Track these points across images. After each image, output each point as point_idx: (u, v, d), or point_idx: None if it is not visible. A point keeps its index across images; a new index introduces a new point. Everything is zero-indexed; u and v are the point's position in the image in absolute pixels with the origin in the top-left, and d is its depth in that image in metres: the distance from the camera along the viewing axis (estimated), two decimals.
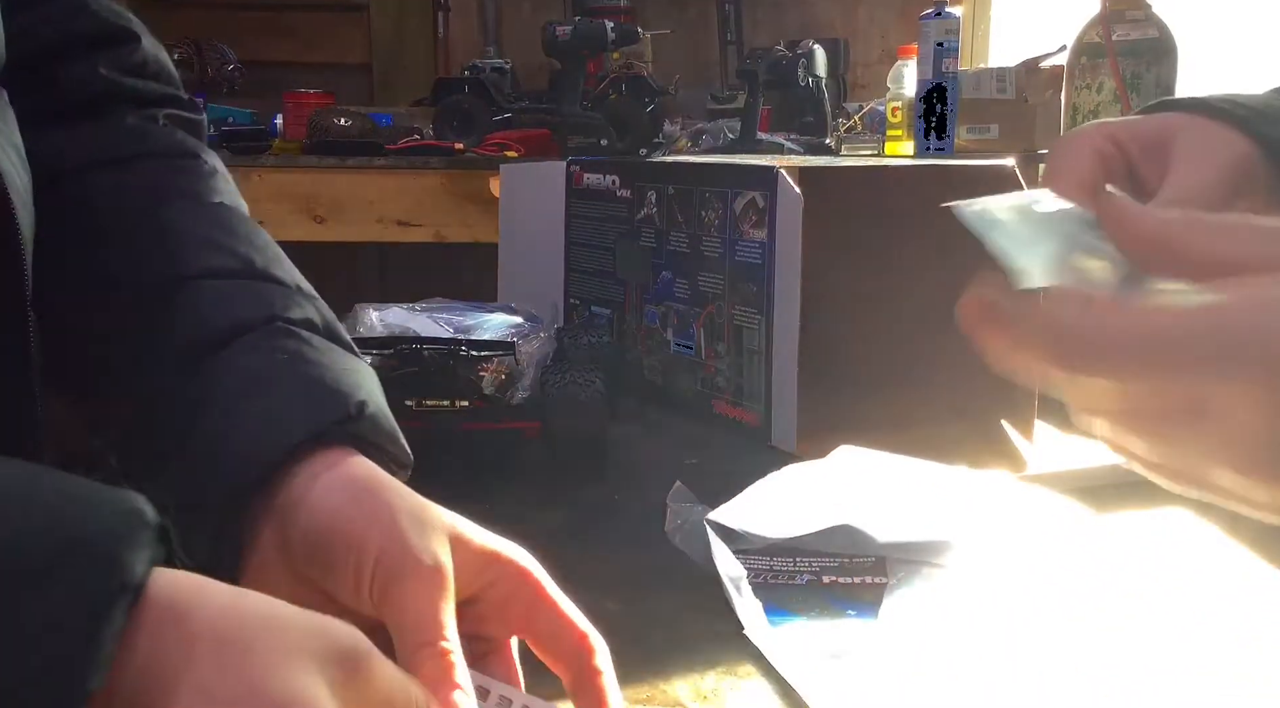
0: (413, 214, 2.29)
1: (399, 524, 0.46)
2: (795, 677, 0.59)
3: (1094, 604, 0.69)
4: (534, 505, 0.90)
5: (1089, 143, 0.52)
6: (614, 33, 2.32)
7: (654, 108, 2.42)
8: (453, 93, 2.39)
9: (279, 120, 2.55)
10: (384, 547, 0.45)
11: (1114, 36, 2.21)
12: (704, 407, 1.10)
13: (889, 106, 2.51)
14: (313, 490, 0.47)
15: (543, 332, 1.06)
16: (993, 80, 2.45)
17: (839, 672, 0.60)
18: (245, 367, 0.52)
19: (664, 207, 1.13)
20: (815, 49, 2.58)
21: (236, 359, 0.52)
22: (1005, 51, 3.10)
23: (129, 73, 0.69)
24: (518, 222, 1.41)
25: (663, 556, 0.77)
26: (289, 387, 0.51)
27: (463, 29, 3.10)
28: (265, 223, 0.66)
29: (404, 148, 2.30)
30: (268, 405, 0.50)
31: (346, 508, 0.46)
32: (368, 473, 0.49)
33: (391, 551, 0.45)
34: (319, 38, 3.12)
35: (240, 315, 0.54)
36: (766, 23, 3.09)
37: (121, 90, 0.68)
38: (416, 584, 0.44)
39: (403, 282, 2.58)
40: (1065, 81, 2.34)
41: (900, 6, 3.08)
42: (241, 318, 0.54)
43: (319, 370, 0.51)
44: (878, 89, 2.79)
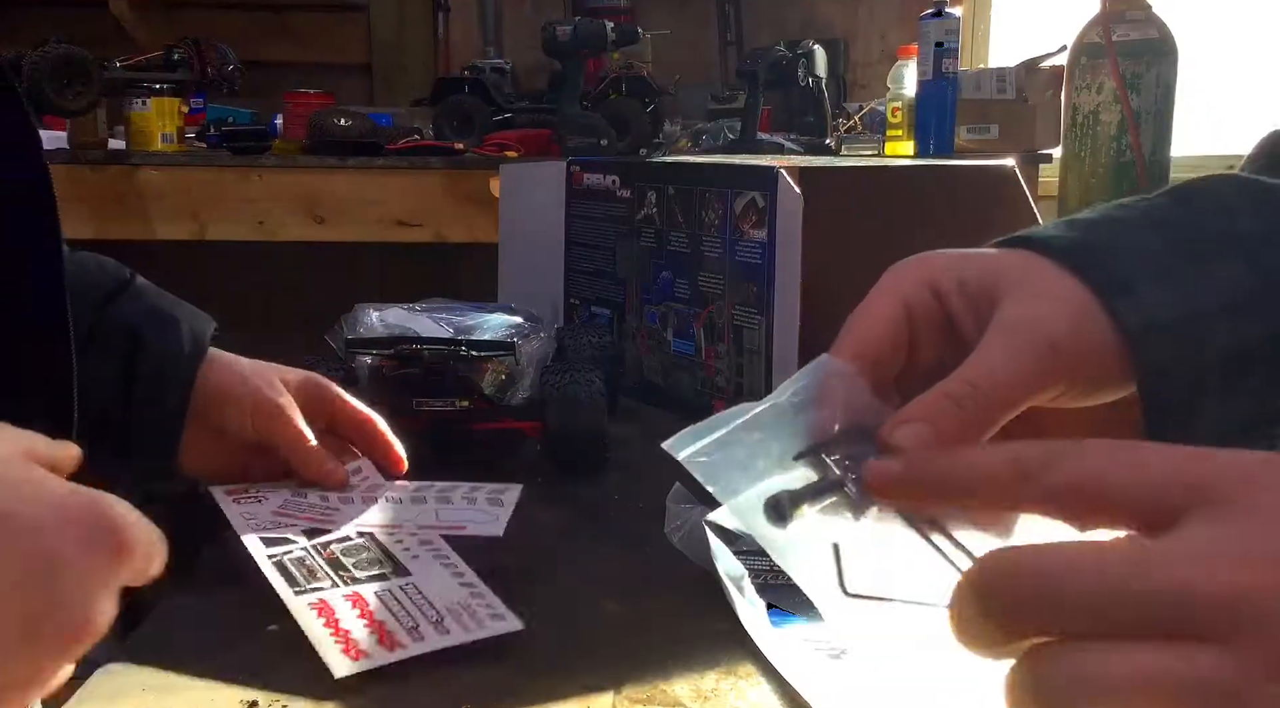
0: (413, 214, 2.29)
1: (259, 385, 0.81)
2: (795, 677, 0.59)
3: None
4: (534, 505, 0.90)
5: (902, 292, 0.47)
6: (614, 33, 2.32)
7: (654, 108, 2.42)
8: (453, 93, 2.39)
9: (279, 120, 2.55)
10: (255, 400, 0.80)
11: (1114, 36, 2.22)
12: (704, 407, 1.10)
13: (889, 106, 2.51)
14: (210, 377, 0.80)
15: (543, 332, 1.06)
16: (993, 80, 2.45)
17: (839, 672, 0.60)
18: (146, 307, 0.81)
19: (664, 207, 1.13)
20: (815, 49, 2.58)
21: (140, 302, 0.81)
22: (1005, 51, 3.10)
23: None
24: (518, 222, 1.41)
25: (662, 556, 0.77)
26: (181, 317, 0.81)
27: (463, 29, 3.10)
28: (265, 223, 0.68)
29: (404, 148, 2.30)
30: (178, 330, 0.80)
31: (232, 385, 0.81)
32: (229, 358, 0.82)
33: (260, 400, 0.80)
34: (319, 38, 3.12)
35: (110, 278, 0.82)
36: (766, 23, 3.09)
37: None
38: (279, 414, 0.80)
39: (403, 282, 2.58)
40: (1065, 81, 2.35)
41: (900, 6, 3.08)
42: (112, 279, 0.82)
43: (179, 304, 0.83)
44: (878, 89, 2.79)
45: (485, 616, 0.64)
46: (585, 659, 0.64)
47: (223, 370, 0.81)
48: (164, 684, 0.61)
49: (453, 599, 0.65)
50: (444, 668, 0.63)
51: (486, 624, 0.63)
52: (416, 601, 0.66)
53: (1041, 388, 0.44)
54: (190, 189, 2.25)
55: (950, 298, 0.47)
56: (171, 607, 0.72)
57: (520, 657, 0.65)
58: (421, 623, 0.63)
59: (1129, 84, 2.21)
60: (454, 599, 0.65)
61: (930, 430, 0.42)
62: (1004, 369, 0.43)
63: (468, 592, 0.66)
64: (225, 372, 0.81)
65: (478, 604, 0.65)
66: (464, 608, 0.65)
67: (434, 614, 0.64)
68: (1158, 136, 2.27)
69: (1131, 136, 2.24)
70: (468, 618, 0.64)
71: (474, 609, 0.64)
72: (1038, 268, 0.46)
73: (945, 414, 0.43)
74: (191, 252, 2.36)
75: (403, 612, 0.64)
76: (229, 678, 0.62)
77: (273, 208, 2.23)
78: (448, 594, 0.66)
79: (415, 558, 0.71)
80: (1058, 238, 0.47)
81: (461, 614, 0.64)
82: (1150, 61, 2.22)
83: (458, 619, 0.64)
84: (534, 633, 0.66)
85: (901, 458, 0.41)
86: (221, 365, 0.81)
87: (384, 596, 0.66)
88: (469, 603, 0.65)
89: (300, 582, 0.68)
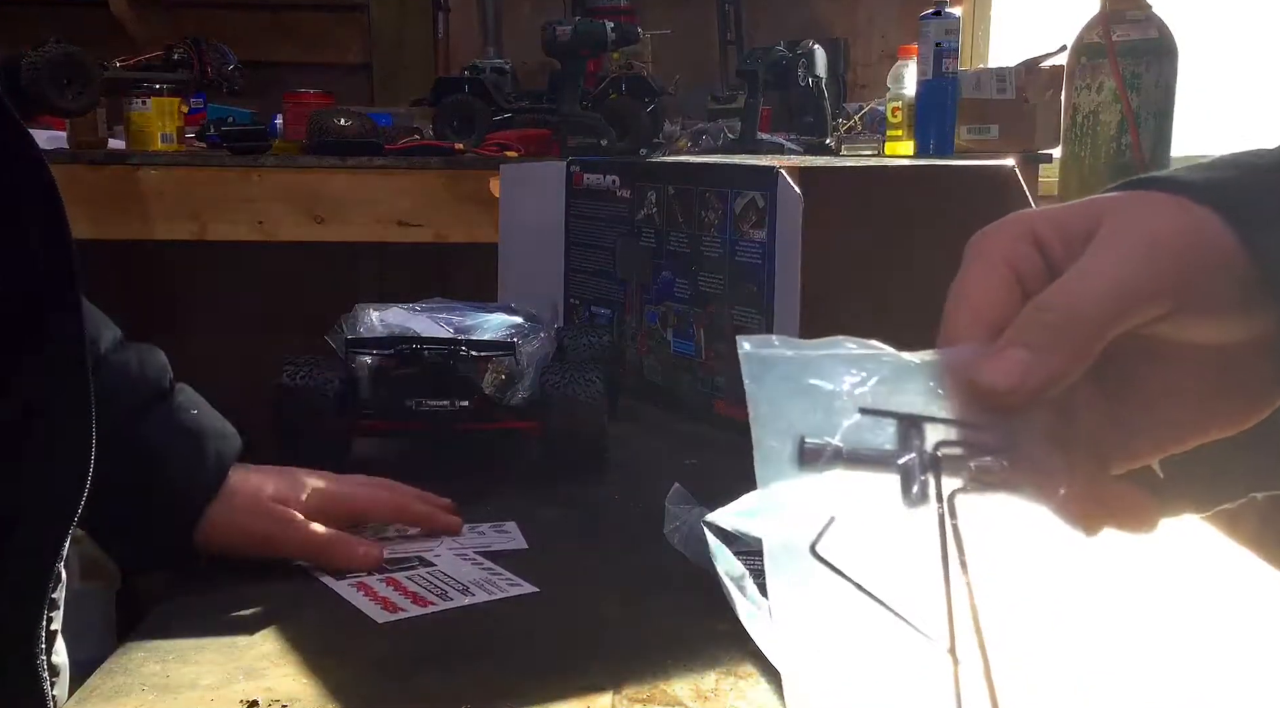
0: (413, 214, 2.29)
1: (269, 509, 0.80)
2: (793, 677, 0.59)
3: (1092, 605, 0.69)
4: (534, 505, 0.90)
5: (1001, 254, 0.42)
6: (614, 33, 2.31)
7: (654, 108, 2.41)
8: (453, 93, 2.39)
9: (279, 120, 2.55)
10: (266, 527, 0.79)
11: (1114, 36, 2.21)
12: (704, 407, 1.10)
13: (889, 106, 2.51)
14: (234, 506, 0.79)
15: (543, 332, 1.06)
16: (993, 80, 2.45)
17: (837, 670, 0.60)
18: (176, 425, 0.80)
19: (664, 207, 1.13)
20: (815, 49, 2.57)
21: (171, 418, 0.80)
22: (1005, 51, 3.10)
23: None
24: (518, 222, 1.41)
25: (662, 555, 0.77)
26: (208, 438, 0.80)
27: (463, 29, 3.10)
28: (265, 223, 0.68)
29: (404, 148, 2.29)
30: (203, 453, 0.79)
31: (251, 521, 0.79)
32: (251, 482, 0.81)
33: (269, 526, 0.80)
34: (319, 38, 3.12)
35: (149, 388, 0.80)
36: (766, 23, 3.08)
37: None
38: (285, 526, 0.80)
39: (403, 282, 2.58)
40: (1065, 81, 2.34)
41: (900, 6, 3.08)
42: (152, 389, 0.80)
43: (209, 422, 0.82)
44: (878, 89, 2.78)
45: (504, 584, 0.76)
46: (585, 659, 0.64)
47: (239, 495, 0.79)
48: (164, 684, 0.61)
49: (476, 575, 0.78)
50: (444, 668, 0.63)
51: (507, 590, 0.75)
52: (443, 579, 0.77)
53: (1144, 297, 0.39)
54: (190, 189, 2.24)
55: (1052, 246, 0.41)
56: (171, 607, 0.72)
57: (520, 657, 0.65)
58: (449, 590, 0.75)
59: (1129, 84, 2.21)
60: (476, 576, 0.78)
61: (1026, 355, 0.38)
62: (1098, 274, 0.39)
63: (488, 571, 0.78)
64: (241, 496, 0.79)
65: (497, 578, 0.77)
66: (485, 581, 0.77)
67: (459, 585, 0.76)
68: (1158, 136, 2.27)
69: (1131, 136, 2.24)
70: (490, 586, 0.76)
71: (494, 581, 0.77)
72: (1149, 198, 0.41)
73: (1038, 333, 0.38)
74: (191, 252, 2.36)
75: (431, 584, 0.76)
76: (229, 678, 0.62)
77: (272, 208, 2.22)
78: (471, 573, 0.78)
79: (439, 556, 0.82)
80: (1179, 176, 0.42)
81: (483, 584, 0.76)
82: (1150, 61, 2.22)
83: (481, 588, 0.76)
84: (534, 633, 0.67)
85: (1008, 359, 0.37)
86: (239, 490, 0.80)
87: (416, 578, 0.77)
88: (490, 578, 0.77)
89: (341, 573, 0.78)
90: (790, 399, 0.37)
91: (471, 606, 0.73)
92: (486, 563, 0.80)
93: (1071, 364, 0.39)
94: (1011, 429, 0.38)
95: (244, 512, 0.79)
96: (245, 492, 0.79)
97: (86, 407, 0.62)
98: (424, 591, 0.75)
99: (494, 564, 0.79)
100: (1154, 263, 0.39)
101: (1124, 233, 0.40)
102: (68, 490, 0.62)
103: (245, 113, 2.60)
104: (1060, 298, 0.39)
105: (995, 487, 0.38)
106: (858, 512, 0.37)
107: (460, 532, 0.85)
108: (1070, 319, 0.38)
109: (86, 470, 0.62)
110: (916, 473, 0.37)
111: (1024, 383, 0.38)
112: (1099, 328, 0.39)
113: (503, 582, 0.76)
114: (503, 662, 0.64)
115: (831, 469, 0.37)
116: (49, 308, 0.61)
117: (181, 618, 0.70)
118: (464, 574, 0.78)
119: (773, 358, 0.38)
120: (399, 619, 0.70)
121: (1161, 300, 0.39)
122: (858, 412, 0.37)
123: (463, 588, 0.75)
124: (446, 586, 0.76)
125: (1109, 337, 0.39)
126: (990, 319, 0.40)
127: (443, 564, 0.80)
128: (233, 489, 0.79)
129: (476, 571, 0.78)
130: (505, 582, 0.76)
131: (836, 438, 0.37)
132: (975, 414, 0.38)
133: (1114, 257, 0.39)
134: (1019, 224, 0.42)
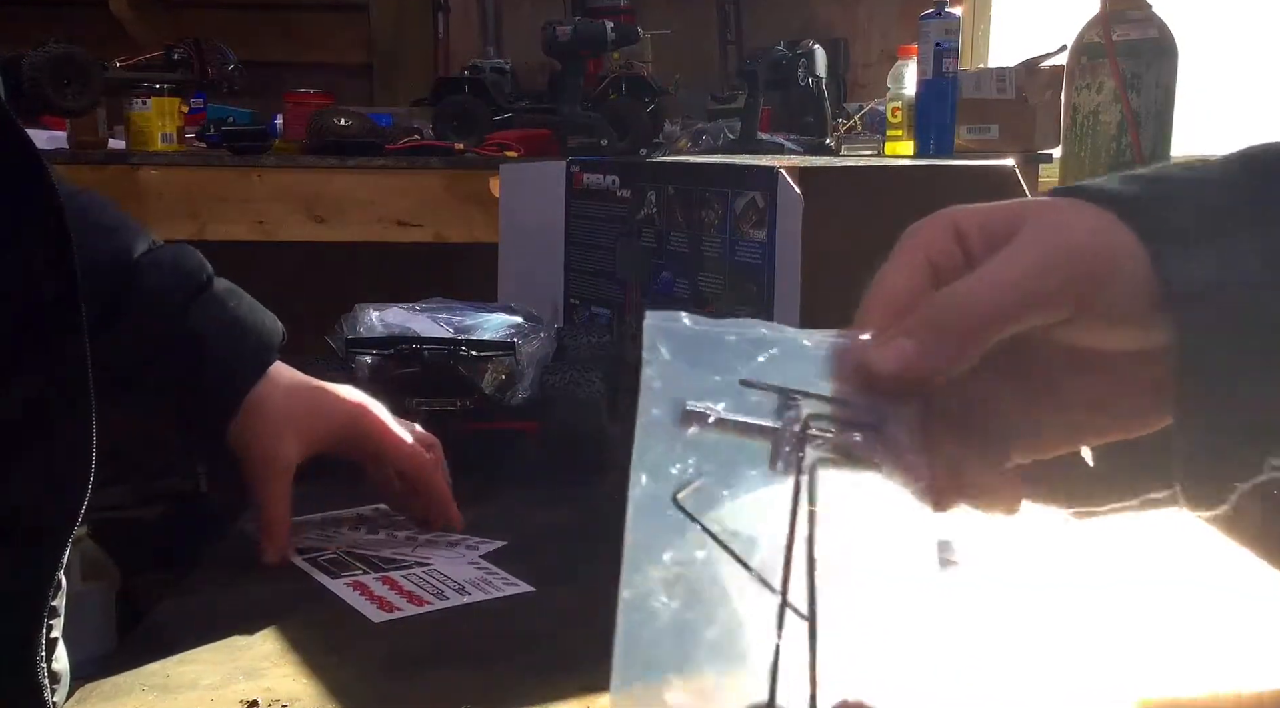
0: (413, 214, 2.29)
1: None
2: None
3: (1093, 604, 0.69)
4: (534, 505, 0.90)
5: (923, 246, 0.43)
6: (614, 33, 2.31)
7: (654, 108, 2.41)
8: (453, 93, 2.39)
9: (279, 120, 2.55)
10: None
11: (1114, 36, 2.21)
12: None
13: (889, 107, 2.51)
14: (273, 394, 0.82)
15: (543, 332, 1.06)
16: (993, 80, 2.45)
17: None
18: (214, 318, 0.82)
19: (664, 207, 1.13)
20: (815, 49, 2.57)
21: (207, 312, 0.82)
22: (1005, 51, 3.10)
23: None
24: (518, 222, 1.41)
25: None
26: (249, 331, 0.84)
27: (463, 29, 3.10)
28: (265, 223, 0.68)
29: (404, 148, 2.29)
30: (241, 346, 0.82)
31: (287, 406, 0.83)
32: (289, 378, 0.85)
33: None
34: (319, 38, 3.12)
35: (188, 279, 0.83)
36: (766, 23, 3.08)
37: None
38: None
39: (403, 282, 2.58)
40: (1065, 81, 2.34)
41: (900, 6, 3.08)
42: (191, 281, 0.83)
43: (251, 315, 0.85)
44: (878, 89, 2.78)
45: (500, 584, 0.76)
46: (585, 659, 0.64)
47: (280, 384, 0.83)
48: (164, 684, 0.61)
49: (471, 575, 0.78)
50: (444, 668, 0.63)
51: (503, 589, 0.76)
52: (439, 578, 0.78)
53: (1040, 302, 0.41)
54: (190, 189, 2.24)
55: (973, 243, 0.42)
56: (171, 607, 0.72)
57: (519, 657, 0.65)
58: (445, 589, 0.76)
59: (1129, 84, 2.21)
60: (472, 575, 0.78)
61: (912, 345, 0.40)
62: (996, 276, 0.40)
63: (484, 571, 0.79)
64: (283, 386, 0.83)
65: (493, 578, 0.78)
66: (481, 580, 0.77)
67: (455, 585, 0.76)
68: (1158, 136, 2.27)
69: (1131, 136, 2.24)
70: (486, 586, 0.76)
71: (490, 580, 0.77)
72: (1074, 205, 0.42)
73: (929, 326, 0.40)
74: None
75: (428, 583, 0.77)
76: (229, 678, 0.62)
77: (272, 208, 2.22)
78: (466, 573, 0.78)
79: (442, 557, 0.82)
80: (1106, 187, 0.43)
81: (479, 584, 0.77)
82: (1150, 61, 2.22)
83: (477, 587, 0.76)
84: (534, 633, 0.67)
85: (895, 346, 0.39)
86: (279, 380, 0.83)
87: (411, 577, 0.78)
88: (486, 577, 0.78)
89: (336, 572, 0.78)
90: (682, 372, 0.40)
91: (468, 605, 0.73)
92: (482, 563, 0.80)
93: (953, 359, 0.40)
94: (883, 410, 0.40)
95: (284, 398, 0.82)
96: (284, 382, 0.83)
97: (87, 414, 0.62)
98: (420, 590, 0.75)
99: (489, 564, 0.80)
100: (1057, 270, 0.41)
101: (1035, 238, 0.41)
102: (68, 498, 0.62)
103: (245, 113, 2.60)
104: (955, 295, 0.40)
105: (857, 462, 0.40)
106: (727, 475, 0.39)
107: (461, 528, 0.86)
108: (960, 316, 0.40)
109: (87, 478, 0.62)
110: (785, 443, 0.39)
111: (905, 371, 0.40)
112: (985, 327, 0.40)
113: (499, 581, 0.77)
114: (502, 662, 0.64)
115: (710, 434, 0.39)
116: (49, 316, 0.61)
117: (181, 618, 0.70)
118: (460, 574, 0.78)
119: (672, 331, 0.40)
120: (396, 619, 0.70)
121: (1060, 307, 0.41)
122: (739, 383, 0.39)
123: (459, 587, 0.76)
124: (443, 585, 0.76)
125: (996, 337, 0.40)
126: (899, 307, 0.41)
127: (438, 564, 0.80)
128: (273, 379, 0.82)
129: (472, 570, 0.79)
130: (501, 581, 0.77)
131: (718, 406, 0.39)
132: (853, 394, 0.40)
133: (1017, 260, 0.41)
134: (945, 219, 0.44)
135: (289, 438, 0.82)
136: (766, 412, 0.39)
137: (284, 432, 0.82)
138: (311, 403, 0.84)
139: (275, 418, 0.82)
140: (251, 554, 0.79)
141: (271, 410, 0.82)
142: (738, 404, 0.39)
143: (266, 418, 0.81)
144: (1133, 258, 0.41)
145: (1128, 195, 0.42)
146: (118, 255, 0.81)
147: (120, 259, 0.81)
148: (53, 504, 0.62)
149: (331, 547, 0.83)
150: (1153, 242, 0.41)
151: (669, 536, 0.38)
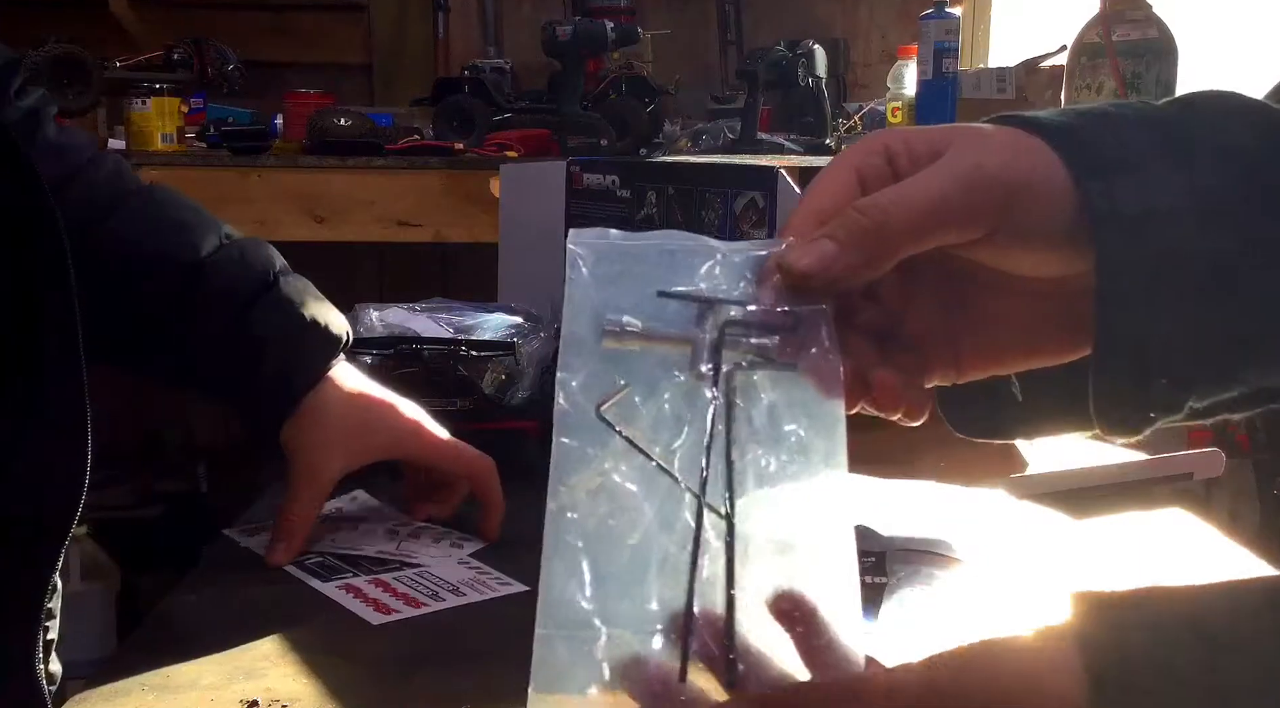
0: (413, 214, 2.29)
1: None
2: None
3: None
4: (534, 505, 0.90)
5: (853, 161, 0.44)
6: (614, 33, 2.31)
7: (654, 108, 2.41)
8: (453, 93, 2.39)
9: (279, 120, 2.55)
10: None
11: (1114, 36, 2.21)
12: None
13: (889, 107, 2.51)
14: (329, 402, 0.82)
15: (543, 332, 1.06)
16: (993, 80, 2.45)
17: None
18: (275, 321, 0.82)
19: (664, 207, 1.13)
20: (815, 49, 2.57)
21: (269, 314, 0.82)
22: (1005, 51, 3.10)
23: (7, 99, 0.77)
24: (518, 222, 1.41)
25: None
26: (310, 334, 0.82)
27: (463, 29, 3.10)
28: (265, 223, 0.68)
29: (404, 148, 2.29)
30: (300, 350, 0.82)
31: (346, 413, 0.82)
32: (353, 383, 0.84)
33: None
34: (319, 38, 3.11)
35: (254, 278, 0.83)
36: (766, 23, 3.08)
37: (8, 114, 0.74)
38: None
39: (403, 282, 2.58)
40: (1065, 81, 2.34)
41: (900, 6, 3.08)
42: (257, 280, 0.82)
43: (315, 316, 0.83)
44: (878, 89, 2.78)
45: (494, 584, 0.76)
46: None
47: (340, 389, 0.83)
48: (164, 684, 0.61)
49: (464, 576, 0.78)
50: (443, 668, 0.63)
51: (497, 589, 0.75)
52: (432, 580, 0.77)
53: (954, 219, 0.41)
54: (190, 189, 2.21)
55: (901, 161, 0.43)
56: (171, 607, 0.72)
57: (518, 656, 0.65)
58: (440, 591, 0.75)
59: (1129, 84, 2.21)
60: (465, 576, 0.78)
61: (830, 247, 0.41)
62: (915, 190, 0.41)
63: (476, 571, 0.79)
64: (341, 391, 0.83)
65: (486, 578, 0.77)
66: (475, 581, 0.77)
67: (450, 585, 0.76)
68: None
69: None
70: (480, 586, 0.76)
71: (484, 581, 0.77)
72: (1003, 131, 0.43)
73: (847, 229, 0.41)
74: None
75: (422, 585, 0.76)
76: (229, 678, 0.62)
77: (272, 208, 2.22)
78: (459, 574, 0.78)
79: (431, 557, 0.81)
80: (1040, 116, 0.44)
81: (474, 584, 0.76)
82: (1150, 61, 2.22)
83: (471, 588, 0.76)
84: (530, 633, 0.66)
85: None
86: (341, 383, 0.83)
87: (403, 579, 0.77)
88: (479, 577, 0.77)
89: (326, 576, 0.77)
90: (603, 286, 0.40)
91: (463, 606, 0.73)
92: (474, 563, 0.80)
93: (868, 264, 0.41)
94: (800, 313, 0.41)
95: (340, 408, 0.81)
96: (345, 389, 0.82)
97: (82, 422, 0.62)
98: (414, 592, 0.75)
99: (482, 565, 0.80)
100: (973, 190, 0.41)
101: (958, 158, 0.42)
102: (63, 504, 0.62)
103: (245, 113, 2.60)
104: (875, 204, 0.41)
105: (774, 364, 0.41)
106: (649, 383, 0.40)
107: (495, 539, 0.84)
108: (877, 225, 0.41)
109: (82, 484, 0.62)
110: (704, 349, 0.40)
111: (821, 271, 0.41)
112: (901, 238, 0.41)
113: (493, 582, 0.77)
114: (501, 661, 0.64)
115: (630, 346, 0.40)
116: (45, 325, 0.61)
117: (181, 618, 0.70)
118: (453, 575, 0.78)
119: (594, 246, 0.41)
120: (393, 621, 0.70)
121: (975, 225, 0.42)
122: (656, 294, 0.40)
123: (453, 588, 0.76)
124: (437, 586, 0.76)
125: (912, 248, 0.42)
126: (824, 217, 0.42)
127: (430, 565, 0.80)
128: (334, 382, 0.82)
129: (465, 571, 0.79)
130: (495, 582, 0.77)
131: (638, 318, 0.40)
132: (770, 300, 0.41)
133: (937, 177, 0.41)
134: (876, 139, 0.45)
135: (336, 453, 0.81)
136: (687, 321, 0.40)
137: (333, 447, 0.81)
138: (366, 419, 0.82)
139: (327, 430, 0.81)
140: (251, 556, 0.79)
141: (325, 421, 0.81)
142: (659, 315, 0.40)
143: (319, 428, 0.81)
144: (1053, 182, 0.42)
145: (1058, 123, 0.43)
146: (185, 255, 0.81)
147: (187, 257, 0.81)
148: (48, 506, 0.61)
149: (314, 549, 0.82)
150: (1076, 168, 0.42)
151: (594, 446, 0.39)
